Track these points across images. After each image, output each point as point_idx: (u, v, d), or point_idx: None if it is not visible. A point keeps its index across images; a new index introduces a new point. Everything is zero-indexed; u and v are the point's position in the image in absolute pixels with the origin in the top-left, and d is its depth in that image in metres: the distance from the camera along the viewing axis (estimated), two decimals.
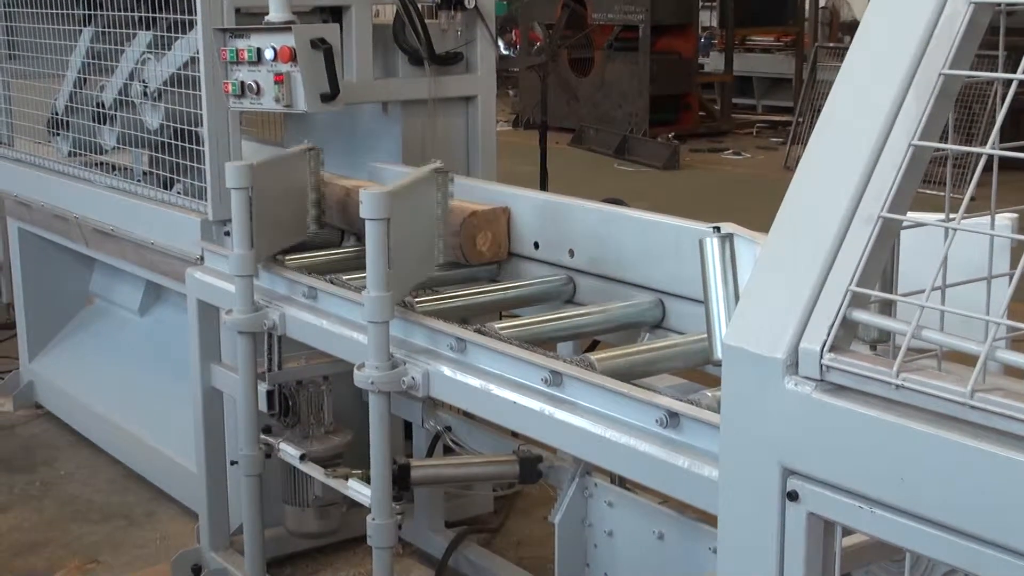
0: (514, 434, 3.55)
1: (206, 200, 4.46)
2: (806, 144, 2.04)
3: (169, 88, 4.64)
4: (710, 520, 2.47)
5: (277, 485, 4.23)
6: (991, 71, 1.80)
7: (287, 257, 4.13)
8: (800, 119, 13.95)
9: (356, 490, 3.59)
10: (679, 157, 14.29)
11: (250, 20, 4.29)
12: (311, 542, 4.51)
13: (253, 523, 4.16)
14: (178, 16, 4.48)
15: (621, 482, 3.07)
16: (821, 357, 1.87)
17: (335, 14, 4.55)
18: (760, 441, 1.96)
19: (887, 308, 2.03)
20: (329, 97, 4.00)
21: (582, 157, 14.91)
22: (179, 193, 4.72)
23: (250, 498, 4.13)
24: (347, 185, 4.28)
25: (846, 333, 1.88)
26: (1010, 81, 1.73)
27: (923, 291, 1.76)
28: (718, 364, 2.49)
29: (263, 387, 4.08)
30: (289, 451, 3.99)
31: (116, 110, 5.06)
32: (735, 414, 2.02)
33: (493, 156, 4.87)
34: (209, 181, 4.42)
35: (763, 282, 2.02)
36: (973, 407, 1.68)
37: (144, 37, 4.79)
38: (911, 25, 1.89)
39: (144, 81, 4.80)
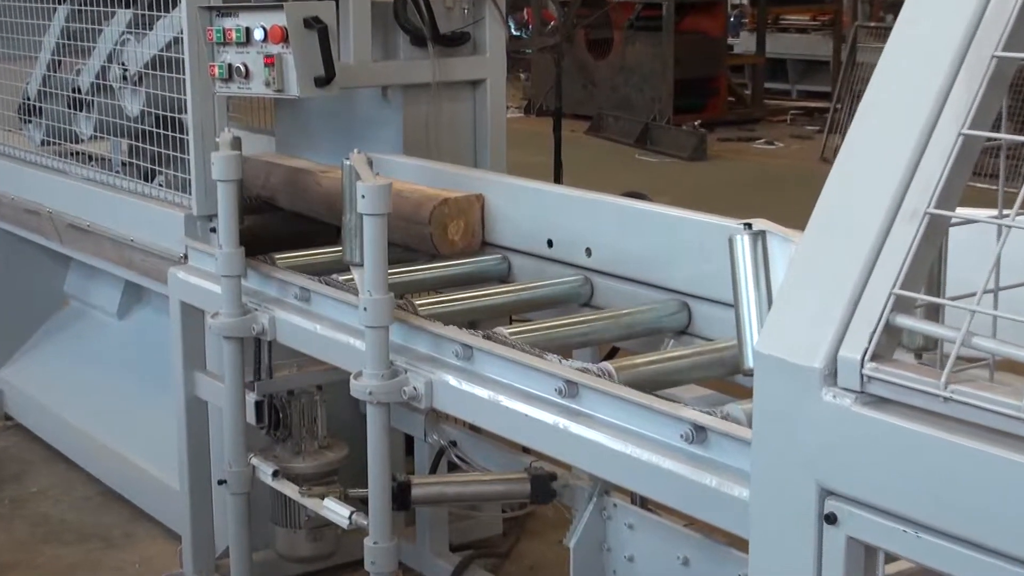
0: (525, 450, 3.54)
1: (190, 193, 4.47)
2: (845, 133, 2.03)
3: (150, 72, 4.65)
4: (740, 544, 2.46)
5: (266, 504, 4.23)
6: None
7: (278, 256, 4.14)
8: (839, 105, 13.93)
9: (332, 510, 3.59)
10: (706, 147, 14.28)
11: None
12: (303, 567, 4.51)
13: (240, 546, 4.16)
14: None
15: (643, 502, 3.06)
16: (862, 366, 1.86)
17: None
18: (795, 458, 1.95)
19: (934, 313, 2.02)
20: (324, 81, 4.00)
21: (600, 147, 14.91)
22: (161, 186, 4.72)
23: (237, 518, 4.13)
24: (296, 166, 4.30)
25: (889, 340, 1.87)
26: None
27: (974, 294, 1.75)
28: (749, 374, 2.48)
29: (251, 397, 4.08)
30: (261, 467, 4.00)
31: (93, 95, 5.06)
32: (768, 429, 2.01)
33: (502, 145, 4.86)
34: (194, 173, 4.43)
35: (798, 284, 2.01)
36: None
37: (123, 16, 4.80)
38: (961, 2, 1.88)
39: (123, 64, 4.81)
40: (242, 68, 4.07)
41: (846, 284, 1.91)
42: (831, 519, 1.91)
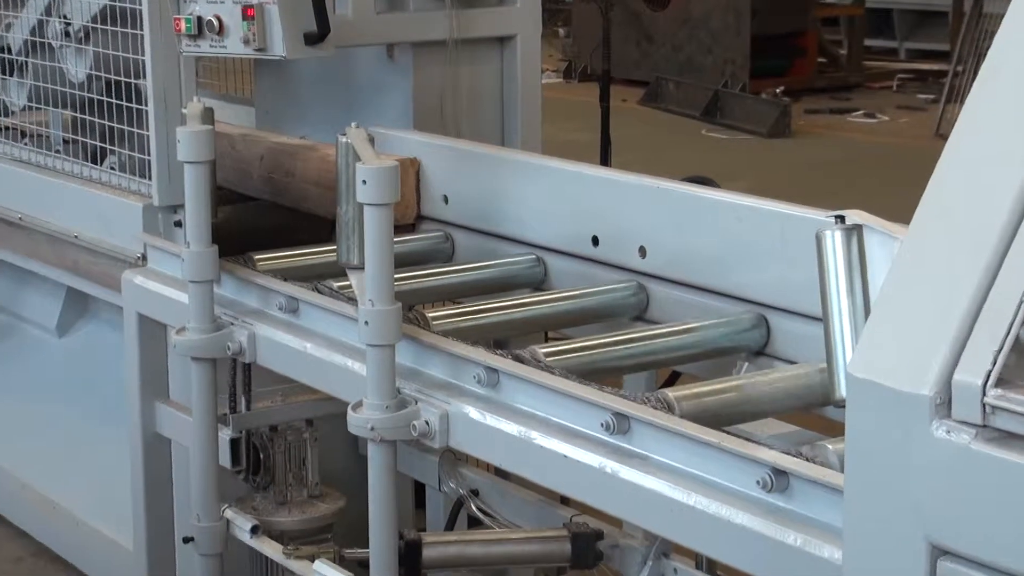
0: (565, 500, 3.54)
1: (150, 178, 4.48)
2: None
3: (100, 26, 4.67)
4: None
5: (244, 567, 4.25)
6: None
7: (258, 256, 4.16)
8: (959, 68, 13.87)
9: (325, 575, 3.61)
10: (790, 120, 14.24)
11: None
12: None
13: None
14: None
15: (710, 566, 3.06)
16: (984, 394, 1.86)
17: None
18: (899, 509, 1.96)
19: None
20: (316, 38, 4.01)
21: (658, 120, 14.89)
22: (113, 168, 4.74)
23: None
24: (232, 133, 4.38)
25: (1019, 361, 1.87)
26: None
27: None
28: (842, 405, 2.49)
29: (225, 434, 4.10)
30: (237, 521, 4.01)
31: (27, 56, 5.09)
32: (865, 473, 2.02)
33: (537, 118, 4.87)
34: (155, 152, 4.43)
35: (903, 291, 2.02)
36: None
37: None
38: None
39: (66, 17, 4.83)
40: (215, 22, 4.08)
41: (963, 290, 1.91)
42: None
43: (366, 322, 3.32)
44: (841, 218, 2.77)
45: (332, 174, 4.13)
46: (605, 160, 7.79)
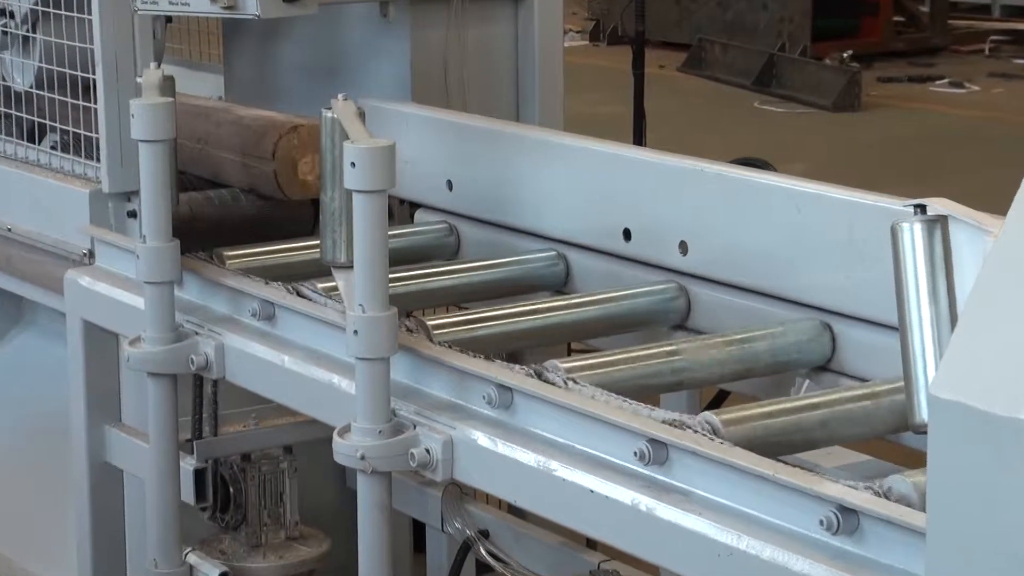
0: (591, 543, 3.54)
1: (98, 160, 4.48)
2: None
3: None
4: None
5: None
6: None
7: (228, 252, 4.16)
8: None
9: None
10: (860, 91, 14.24)
11: None
12: None
13: None
14: None
15: None
16: None
17: None
18: (993, 554, 1.95)
19: None
20: None
21: (701, 90, 14.90)
22: (54, 149, 4.74)
23: None
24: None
25: None
26: None
27: None
28: (923, 430, 2.48)
29: (189, 464, 4.10)
30: (203, 567, 4.01)
31: None
32: (951, 512, 2.01)
33: (558, 88, 4.87)
34: (104, 131, 4.44)
35: (997, 295, 2.01)
36: None
37: None
38: None
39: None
40: None
41: None
42: None
43: (355, 331, 3.32)
44: (922, 208, 2.76)
45: (248, 139, 4.23)
46: (639, 138, 7.80)
